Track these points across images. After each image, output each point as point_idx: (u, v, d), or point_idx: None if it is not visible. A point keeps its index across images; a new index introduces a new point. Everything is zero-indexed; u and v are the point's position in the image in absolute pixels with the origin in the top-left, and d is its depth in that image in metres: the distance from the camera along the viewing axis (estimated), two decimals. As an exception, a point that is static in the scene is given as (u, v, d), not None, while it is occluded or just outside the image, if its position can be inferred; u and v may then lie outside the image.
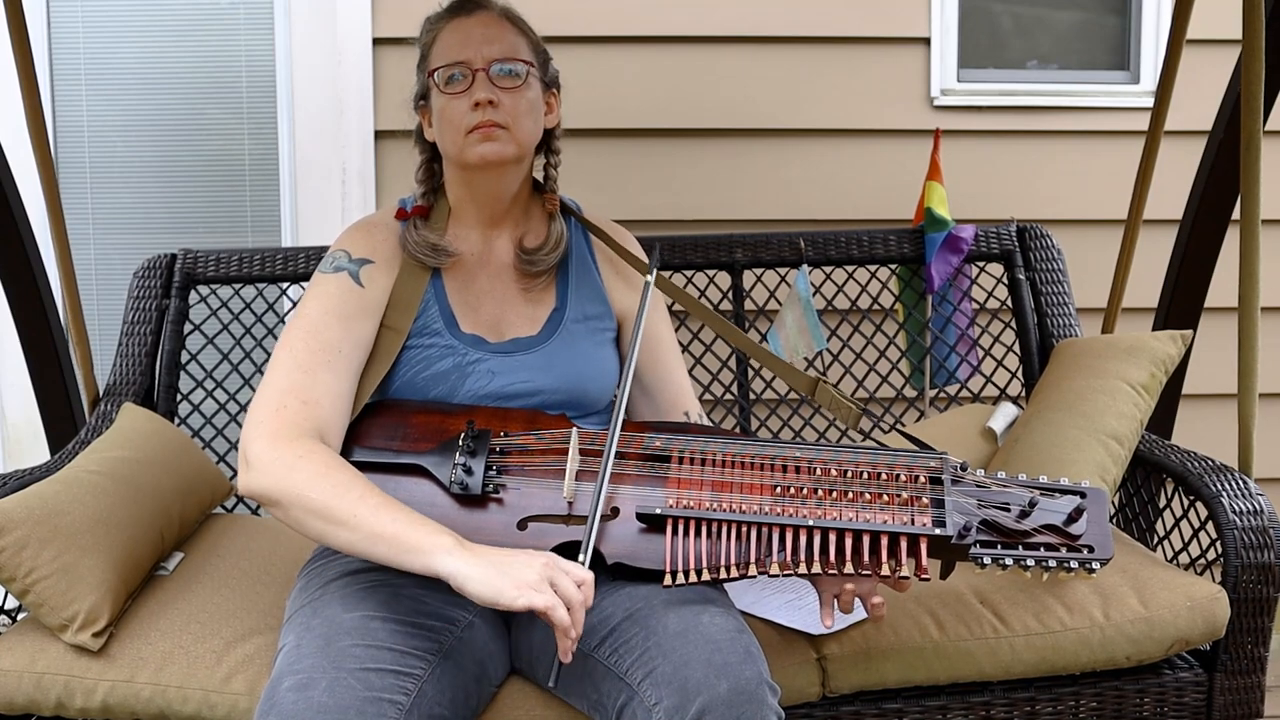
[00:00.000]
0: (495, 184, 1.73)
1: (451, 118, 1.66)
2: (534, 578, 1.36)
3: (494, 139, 1.65)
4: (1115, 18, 3.02)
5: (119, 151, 2.93)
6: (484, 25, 1.68)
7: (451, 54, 1.66)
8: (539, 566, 1.38)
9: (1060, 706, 1.82)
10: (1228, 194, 2.35)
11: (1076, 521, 1.55)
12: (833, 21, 2.88)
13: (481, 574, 1.37)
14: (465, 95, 1.65)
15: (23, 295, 2.28)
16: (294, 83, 2.86)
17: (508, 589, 1.35)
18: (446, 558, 1.39)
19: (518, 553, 1.41)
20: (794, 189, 2.92)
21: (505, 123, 1.65)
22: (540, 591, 1.35)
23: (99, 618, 1.69)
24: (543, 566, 1.38)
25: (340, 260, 1.69)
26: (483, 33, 1.67)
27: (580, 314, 1.78)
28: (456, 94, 1.66)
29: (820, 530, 1.50)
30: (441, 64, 1.67)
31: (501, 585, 1.36)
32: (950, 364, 2.57)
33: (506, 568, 1.37)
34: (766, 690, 1.42)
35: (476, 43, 1.66)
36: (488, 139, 1.65)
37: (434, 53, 1.70)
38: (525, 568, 1.37)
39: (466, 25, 1.68)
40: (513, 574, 1.37)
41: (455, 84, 1.66)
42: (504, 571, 1.37)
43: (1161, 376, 2.12)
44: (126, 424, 2.09)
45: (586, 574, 1.41)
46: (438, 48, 1.69)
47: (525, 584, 1.36)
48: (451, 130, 1.67)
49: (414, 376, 1.69)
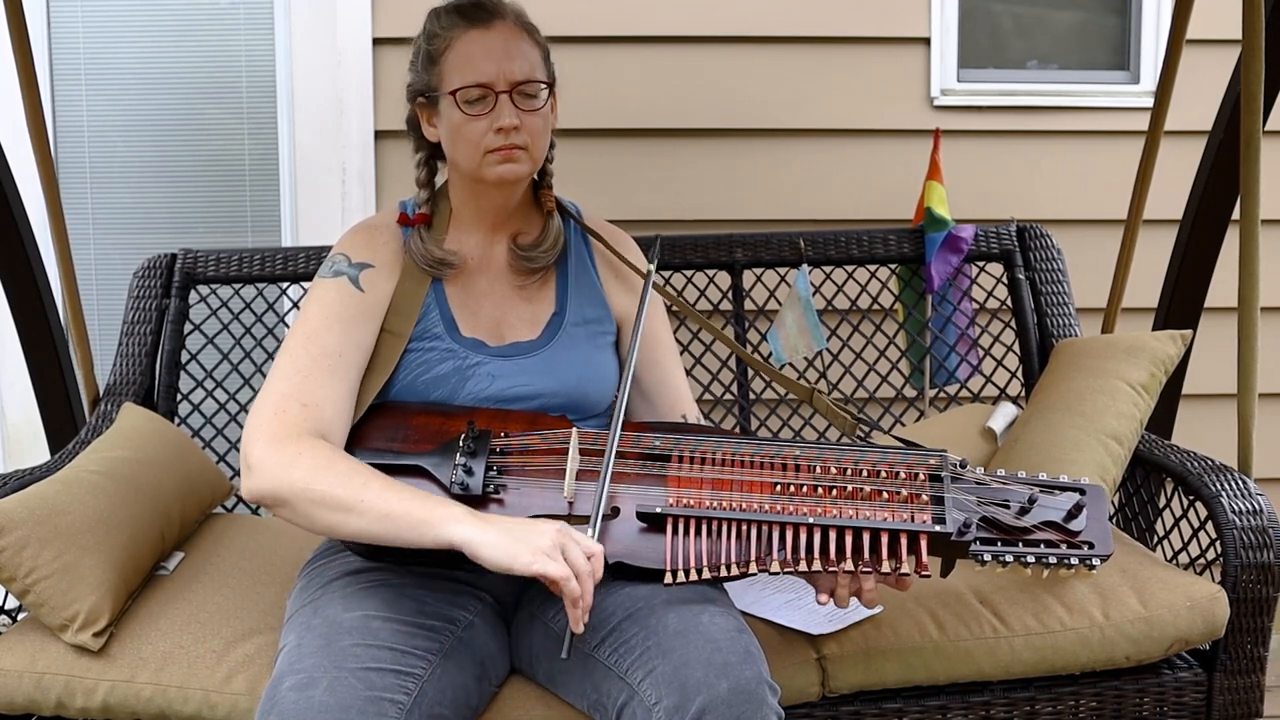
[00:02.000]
0: (506, 198, 1.73)
1: (470, 136, 1.65)
2: (547, 544, 1.37)
3: (514, 160, 1.65)
4: (1115, 18, 3.02)
5: (119, 151, 2.93)
6: (504, 39, 1.64)
7: (472, 73, 1.63)
8: (552, 533, 1.39)
9: (1060, 706, 1.82)
10: (1228, 194, 2.35)
11: (1076, 518, 1.56)
12: (833, 21, 2.88)
13: (495, 539, 1.38)
14: (486, 118, 1.63)
15: (23, 295, 2.28)
16: (294, 83, 2.86)
17: (522, 553, 1.36)
18: (458, 526, 1.40)
19: (529, 521, 1.42)
20: (794, 189, 2.93)
21: (525, 144, 1.65)
22: (553, 559, 1.37)
23: (99, 617, 1.69)
24: (556, 533, 1.39)
25: (340, 265, 1.69)
26: (503, 48, 1.63)
27: (580, 317, 1.78)
28: (478, 116, 1.64)
29: (820, 528, 1.50)
30: (462, 85, 1.63)
31: (515, 550, 1.37)
32: (950, 364, 2.57)
33: (520, 533, 1.39)
34: (767, 690, 1.42)
35: (498, 59, 1.63)
36: (508, 160, 1.65)
37: (449, 65, 1.65)
38: (539, 534, 1.39)
39: (486, 40, 1.64)
40: (526, 539, 1.38)
41: (477, 106, 1.63)
42: (517, 537, 1.38)
43: (1161, 376, 2.13)
44: (126, 424, 2.09)
45: (597, 547, 1.42)
46: (454, 59, 1.65)
47: (539, 549, 1.37)
48: (469, 148, 1.65)
49: (414, 380, 1.69)
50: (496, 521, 1.41)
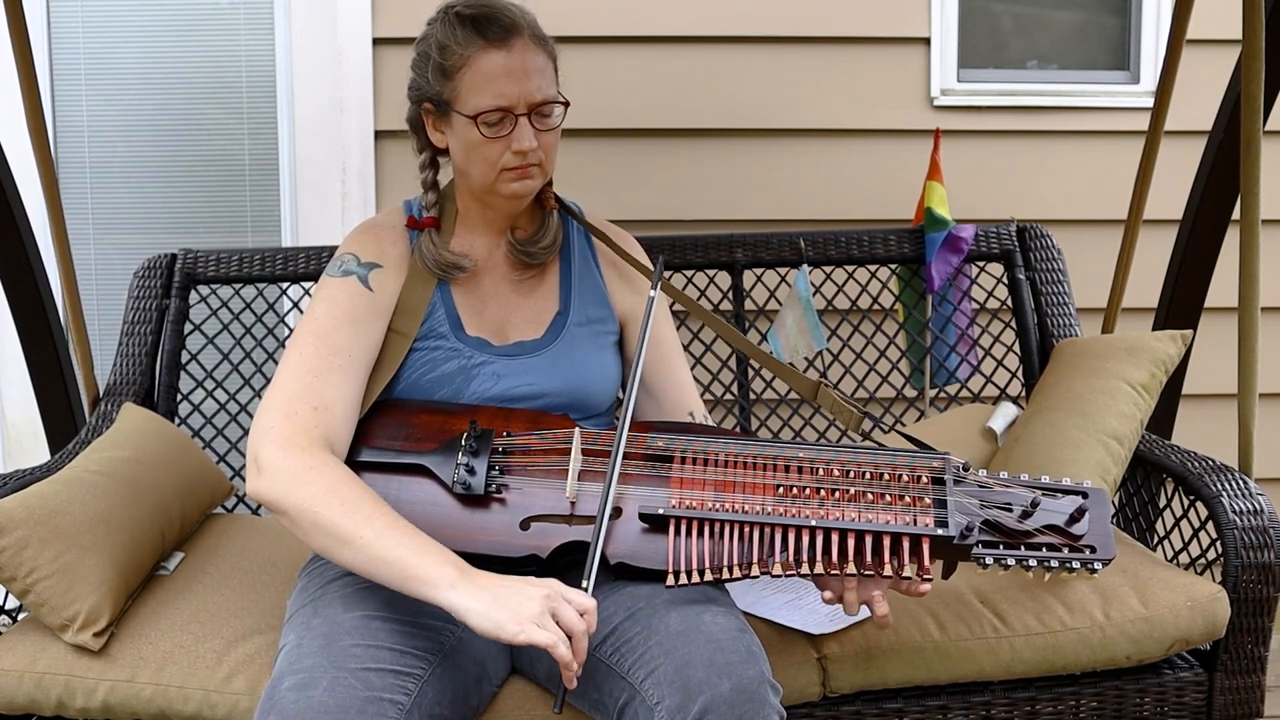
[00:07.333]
0: (515, 208, 1.74)
1: (488, 157, 1.64)
2: (535, 610, 1.36)
3: (530, 177, 1.67)
4: (1115, 18, 3.02)
5: (119, 151, 2.93)
6: (523, 60, 1.62)
7: (491, 97, 1.61)
8: (540, 599, 1.37)
9: (1060, 706, 1.82)
10: (1228, 194, 2.35)
11: (1079, 522, 1.56)
12: (833, 21, 2.88)
13: (482, 607, 1.37)
14: (504, 140, 1.63)
15: (23, 295, 2.28)
16: (294, 83, 2.86)
17: (508, 623, 1.35)
18: (450, 591, 1.38)
19: (520, 583, 1.40)
20: (794, 189, 2.92)
21: (540, 161, 1.66)
22: (541, 626, 1.35)
23: (100, 617, 1.69)
24: (544, 599, 1.37)
25: (349, 264, 1.69)
26: (523, 69, 1.62)
27: (583, 317, 1.78)
28: (496, 139, 1.63)
29: (823, 530, 1.50)
30: (482, 109, 1.61)
31: (501, 619, 1.36)
32: (950, 364, 2.57)
33: (507, 600, 1.37)
34: (768, 689, 1.42)
35: (519, 81, 1.61)
36: (524, 178, 1.66)
37: (467, 84, 1.62)
38: (527, 600, 1.37)
39: (507, 62, 1.62)
40: (513, 607, 1.36)
41: (496, 128, 1.63)
42: (505, 604, 1.36)
43: (1161, 376, 2.13)
44: (127, 424, 2.09)
45: (589, 601, 1.40)
46: (472, 79, 1.62)
47: (526, 618, 1.35)
48: (485, 166, 1.65)
49: (419, 379, 1.69)
50: (487, 585, 1.39)
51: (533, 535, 1.56)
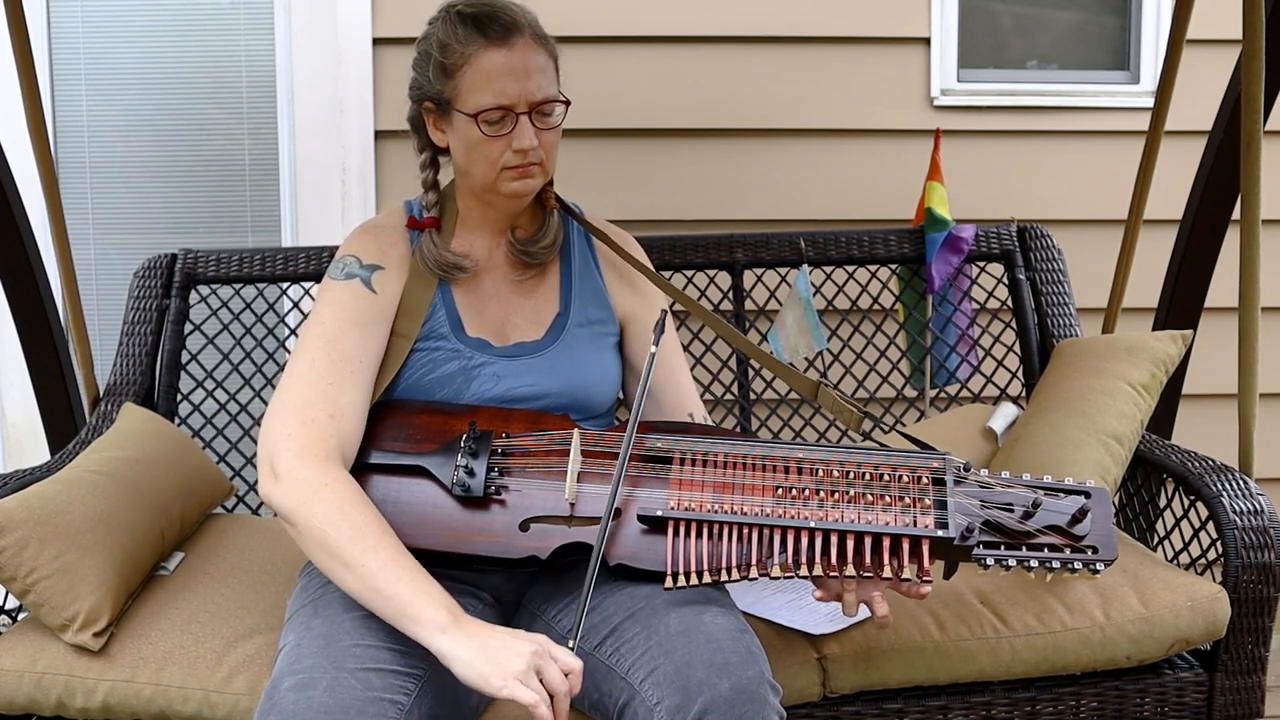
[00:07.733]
0: (516, 207, 1.74)
1: (489, 155, 1.64)
2: (520, 667, 1.36)
3: (530, 176, 1.66)
4: (1115, 18, 3.02)
5: (119, 151, 2.93)
6: (523, 59, 1.62)
7: (492, 96, 1.61)
8: (528, 655, 1.37)
9: (1061, 706, 1.82)
10: (1228, 194, 2.35)
11: (1080, 522, 1.55)
12: (833, 21, 2.88)
13: (469, 657, 1.37)
14: (505, 138, 1.63)
15: (23, 295, 2.28)
16: (294, 83, 2.85)
17: (493, 677, 1.35)
18: (440, 636, 1.39)
19: (509, 636, 1.39)
20: (794, 189, 2.92)
21: (541, 160, 1.66)
22: (525, 683, 1.35)
23: (99, 617, 1.69)
24: (531, 655, 1.37)
25: (351, 266, 1.69)
26: (523, 68, 1.62)
27: (584, 318, 1.78)
28: (497, 137, 1.63)
29: (822, 532, 1.49)
30: (483, 107, 1.61)
31: (487, 672, 1.35)
32: (950, 364, 2.57)
33: (495, 653, 1.37)
34: (768, 690, 1.42)
35: (519, 80, 1.61)
36: (524, 176, 1.66)
37: (468, 82, 1.62)
38: (514, 655, 1.36)
39: (508, 60, 1.62)
40: (500, 661, 1.36)
41: (496, 127, 1.63)
42: (491, 657, 1.36)
43: (1162, 376, 2.13)
44: (127, 424, 2.09)
45: (576, 663, 1.39)
46: (473, 77, 1.62)
47: (511, 673, 1.35)
48: (485, 165, 1.65)
49: (420, 379, 1.69)
50: (477, 634, 1.39)
51: (532, 536, 1.56)
